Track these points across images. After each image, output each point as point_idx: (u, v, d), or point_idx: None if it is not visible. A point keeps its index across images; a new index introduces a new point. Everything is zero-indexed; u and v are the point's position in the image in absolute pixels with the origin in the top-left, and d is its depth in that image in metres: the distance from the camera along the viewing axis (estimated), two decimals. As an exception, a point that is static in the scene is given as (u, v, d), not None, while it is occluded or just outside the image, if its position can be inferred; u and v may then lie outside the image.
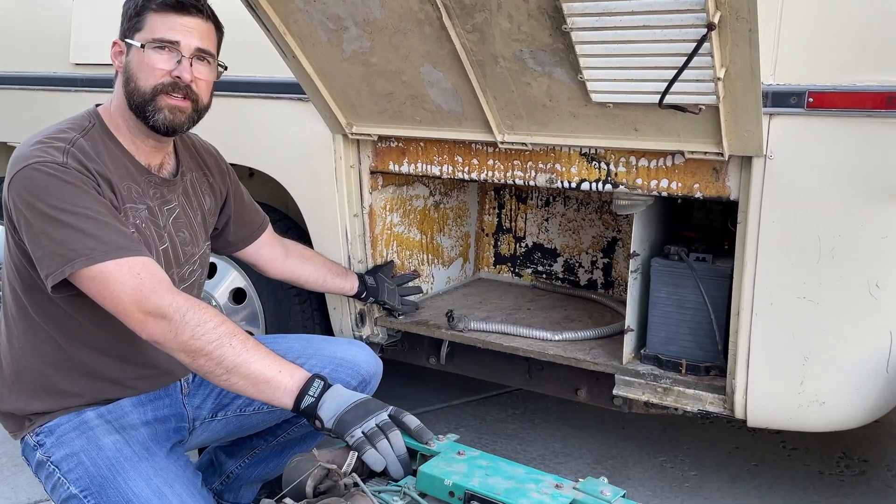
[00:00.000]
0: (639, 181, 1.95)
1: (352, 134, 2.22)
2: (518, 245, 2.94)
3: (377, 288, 2.30)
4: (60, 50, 2.78)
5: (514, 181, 2.10)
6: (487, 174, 2.13)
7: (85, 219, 1.49)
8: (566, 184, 2.03)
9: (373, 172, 2.34)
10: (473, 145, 2.13)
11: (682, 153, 1.85)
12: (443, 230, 2.76)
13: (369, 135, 2.22)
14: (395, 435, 1.40)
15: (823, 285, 1.77)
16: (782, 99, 1.72)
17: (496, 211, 2.96)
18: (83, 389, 1.67)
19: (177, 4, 1.62)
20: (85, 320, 1.64)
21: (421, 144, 2.22)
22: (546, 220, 2.88)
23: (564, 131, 1.94)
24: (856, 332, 1.78)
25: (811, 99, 1.69)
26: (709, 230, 2.41)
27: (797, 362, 1.83)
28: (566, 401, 2.43)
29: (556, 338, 2.28)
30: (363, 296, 2.30)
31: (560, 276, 2.88)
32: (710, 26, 1.47)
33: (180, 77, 1.62)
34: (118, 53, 1.67)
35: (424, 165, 2.23)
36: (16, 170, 1.53)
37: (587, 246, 2.81)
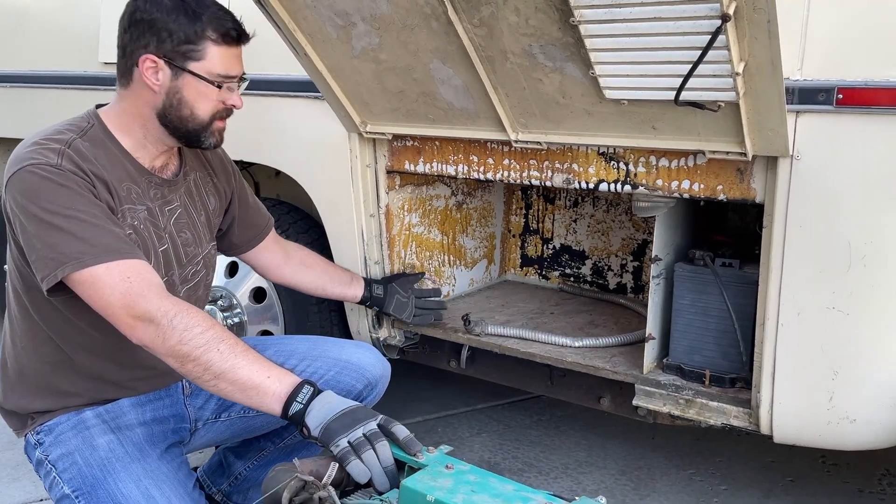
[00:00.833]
0: (659, 182, 1.86)
1: (366, 133, 2.18)
2: (545, 247, 2.86)
3: (384, 298, 2.23)
4: (90, 49, 2.80)
5: (531, 181, 2.02)
6: (503, 174, 2.06)
7: (77, 222, 1.48)
8: (584, 185, 1.95)
9: (389, 172, 2.30)
10: (488, 144, 2.07)
11: (704, 153, 1.75)
12: (465, 231, 2.70)
13: (384, 134, 2.17)
14: (383, 445, 1.35)
15: (854, 295, 1.65)
16: (809, 95, 1.61)
17: (523, 211, 2.88)
18: (82, 390, 1.67)
19: (237, 37, 1.64)
20: (82, 323, 1.63)
21: (436, 144, 2.16)
22: (574, 222, 2.79)
23: (580, 129, 1.85)
24: (888, 346, 1.66)
25: (841, 95, 1.58)
26: (743, 234, 2.30)
27: (826, 376, 1.72)
28: (593, 408, 2.36)
29: (576, 344, 2.20)
30: (367, 304, 2.24)
31: (588, 280, 2.79)
32: (725, 17, 1.37)
33: (235, 106, 1.68)
34: (156, 71, 1.61)
35: (440, 165, 2.17)
36: (11, 172, 1.53)
37: (616, 248, 2.72)
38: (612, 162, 1.91)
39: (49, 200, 1.48)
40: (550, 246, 2.85)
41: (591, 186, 1.94)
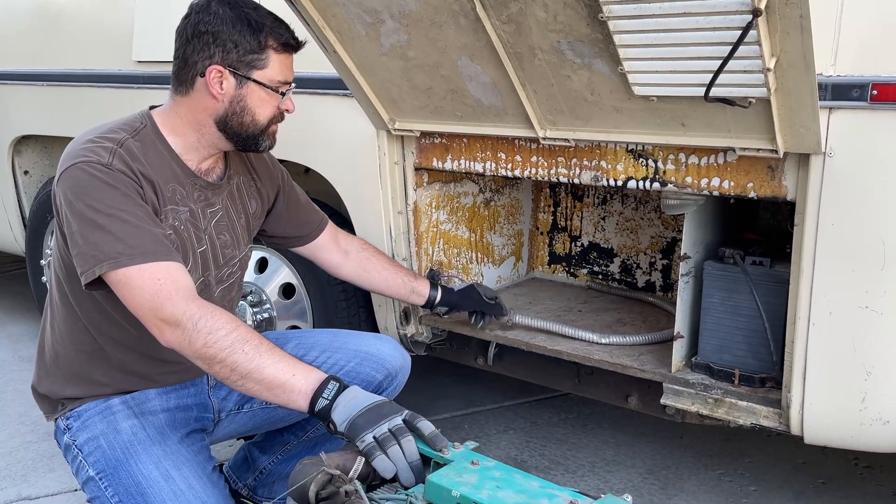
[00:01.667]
0: (688, 179, 1.84)
1: (395, 130, 2.19)
2: (573, 244, 2.85)
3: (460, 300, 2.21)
4: (124, 48, 2.85)
5: (558, 178, 2.02)
6: (531, 171, 2.06)
7: (119, 222, 1.52)
8: (612, 182, 1.94)
9: (417, 169, 2.30)
10: (516, 141, 2.06)
11: (734, 150, 1.73)
12: (493, 228, 2.69)
13: (412, 131, 2.18)
14: (408, 441, 1.35)
15: (888, 294, 1.62)
16: (843, 91, 1.58)
17: (551, 209, 2.87)
18: (112, 380, 1.72)
19: (295, 46, 1.71)
20: (118, 317, 1.67)
21: (464, 141, 2.16)
22: (603, 219, 2.77)
23: (608, 126, 1.84)
24: (923, 347, 1.63)
25: (875, 91, 1.55)
26: (775, 232, 2.27)
27: (858, 377, 1.69)
28: (620, 406, 2.35)
29: (604, 341, 2.19)
30: (435, 302, 2.18)
31: (616, 278, 2.77)
32: (756, 12, 1.35)
33: (288, 110, 1.74)
34: (218, 79, 1.63)
35: (468, 162, 2.17)
36: (64, 167, 1.58)
37: (645, 246, 2.70)
38: (641, 159, 1.89)
39: (95, 199, 1.52)
40: (579, 243, 2.83)
41: (620, 184, 1.93)
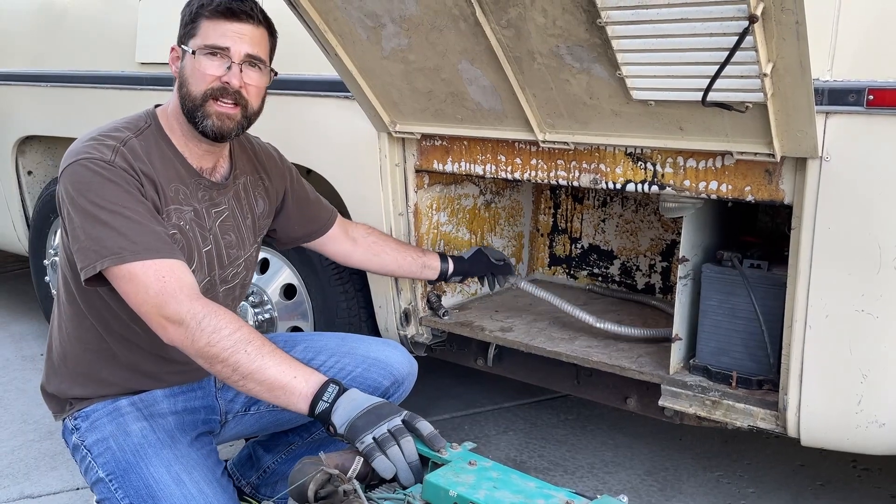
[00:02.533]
0: (686, 183, 1.85)
1: (396, 132, 2.20)
2: (574, 246, 2.86)
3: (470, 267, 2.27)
4: (127, 49, 2.86)
5: (558, 181, 2.03)
6: (530, 174, 2.07)
7: (122, 218, 1.53)
8: (611, 185, 1.95)
9: (418, 171, 2.32)
10: (516, 144, 2.08)
11: (732, 154, 1.74)
12: (494, 230, 2.71)
13: (413, 133, 2.20)
14: (407, 441, 1.37)
15: (884, 297, 1.63)
16: (839, 96, 1.59)
17: (552, 211, 2.88)
18: (120, 380, 1.73)
19: (228, 11, 1.63)
20: (124, 315, 1.68)
21: (464, 143, 2.18)
22: (603, 221, 2.79)
23: (607, 130, 1.86)
24: (919, 350, 1.64)
25: (871, 97, 1.56)
26: (773, 235, 2.28)
27: (854, 380, 1.70)
28: (619, 408, 2.36)
29: (599, 325, 2.22)
30: (448, 274, 2.23)
31: (616, 280, 2.78)
32: (753, 18, 1.37)
33: (229, 83, 1.64)
34: (175, 59, 1.70)
35: (468, 164, 2.19)
36: (67, 164, 1.59)
37: (645, 248, 2.71)
38: (640, 162, 1.91)
39: (97, 194, 1.53)
40: (579, 245, 2.85)
41: (619, 187, 1.95)
